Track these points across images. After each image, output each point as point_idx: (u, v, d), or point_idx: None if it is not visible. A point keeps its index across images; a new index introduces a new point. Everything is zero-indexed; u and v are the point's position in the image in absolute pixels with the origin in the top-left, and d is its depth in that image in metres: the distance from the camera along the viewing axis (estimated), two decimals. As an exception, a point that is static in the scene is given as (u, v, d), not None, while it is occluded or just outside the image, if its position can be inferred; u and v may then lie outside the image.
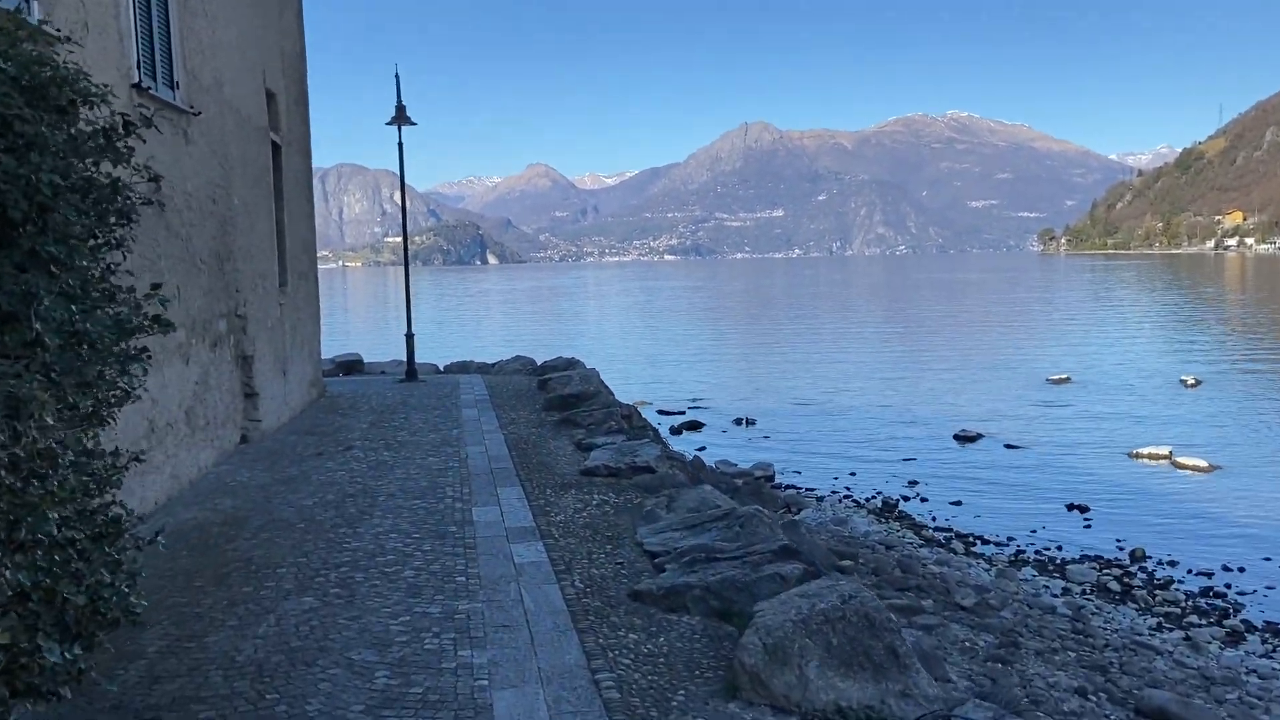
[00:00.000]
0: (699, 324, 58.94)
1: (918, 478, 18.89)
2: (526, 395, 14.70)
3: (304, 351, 13.20)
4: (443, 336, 47.92)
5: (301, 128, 13.76)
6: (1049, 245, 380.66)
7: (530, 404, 13.64)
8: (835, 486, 18.52)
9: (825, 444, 22.58)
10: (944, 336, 45.08)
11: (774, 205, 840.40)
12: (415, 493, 7.68)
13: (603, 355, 39.27)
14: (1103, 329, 47.84)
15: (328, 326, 58.59)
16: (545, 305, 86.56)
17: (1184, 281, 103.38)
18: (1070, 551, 14.59)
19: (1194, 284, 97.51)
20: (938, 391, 29.26)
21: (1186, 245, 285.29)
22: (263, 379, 10.56)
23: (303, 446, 10.07)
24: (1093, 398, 27.34)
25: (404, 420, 11.93)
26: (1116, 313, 59.51)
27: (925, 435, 23.14)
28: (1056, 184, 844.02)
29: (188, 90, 8.40)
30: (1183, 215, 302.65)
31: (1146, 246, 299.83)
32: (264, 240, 11.01)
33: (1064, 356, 36.52)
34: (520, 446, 10.02)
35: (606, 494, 7.67)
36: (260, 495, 7.62)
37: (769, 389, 30.85)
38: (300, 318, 13.09)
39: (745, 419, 25.44)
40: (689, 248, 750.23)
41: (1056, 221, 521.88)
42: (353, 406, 13.38)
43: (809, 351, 40.02)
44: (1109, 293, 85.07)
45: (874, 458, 20.99)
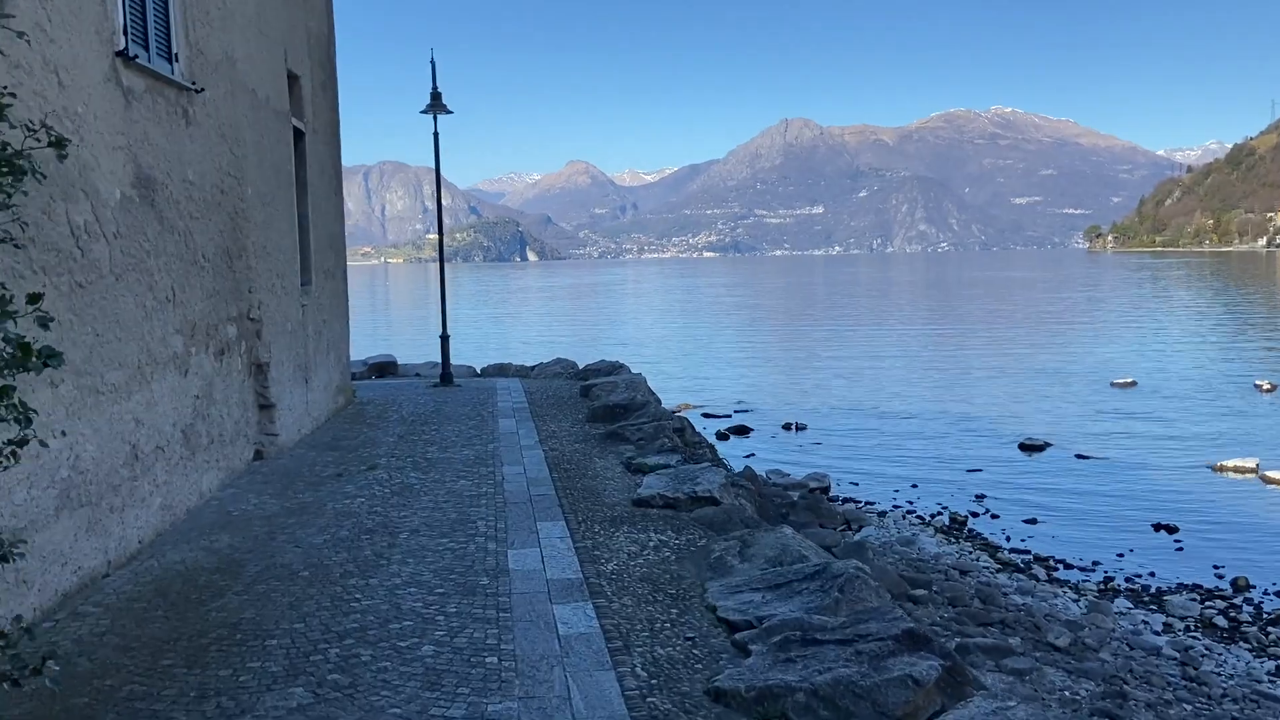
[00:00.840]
0: (742, 323, 57.61)
1: (985, 491, 17.53)
2: (568, 403, 13.62)
3: (330, 356, 12.23)
4: (481, 336, 47.10)
5: (329, 114, 12.78)
6: (1095, 242, 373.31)
7: (572, 413, 12.55)
8: (896, 500, 17.25)
9: (881, 452, 21.27)
10: (998, 337, 43.37)
11: (814, 202, 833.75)
12: (442, 528, 6.60)
13: (644, 355, 38.18)
14: (1163, 330, 45.79)
15: (363, 325, 57.98)
16: (585, 303, 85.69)
17: (1241, 280, 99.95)
18: (1165, 579, 13.19)
19: (1252, 283, 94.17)
20: (996, 396, 27.76)
21: (1238, 243, 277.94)
22: (280, 388, 9.57)
23: (322, 465, 9.05)
24: (1163, 404, 25.72)
25: (435, 433, 10.89)
26: (1176, 313, 57.21)
27: (988, 444, 21.73)
28: (1102, 180, 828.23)
29: (190, 64, 7.39)
30: (1234, 212, 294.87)
31: (1196, 244, 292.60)
32: (283, 235, 10.02)
33: (1127, 359, 34.77)
34: (562, 466, 8.92)
35: (664, 531, 6.54)
36: (264, 530, 6.58)
37: (818, 392, 29.51)
38: (326, 319, 12.12)
39: (795, 424, 24.20)
40: (728, 245, 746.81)
41: (1102, 219, 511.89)
42: (381, 416, 12.38)
43: (857, 353, 38.58)
44: (1165, 292, 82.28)
45: (935, 468, 19.64)
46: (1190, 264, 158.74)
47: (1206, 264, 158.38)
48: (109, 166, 5.75)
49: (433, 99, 15.25)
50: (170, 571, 5.62)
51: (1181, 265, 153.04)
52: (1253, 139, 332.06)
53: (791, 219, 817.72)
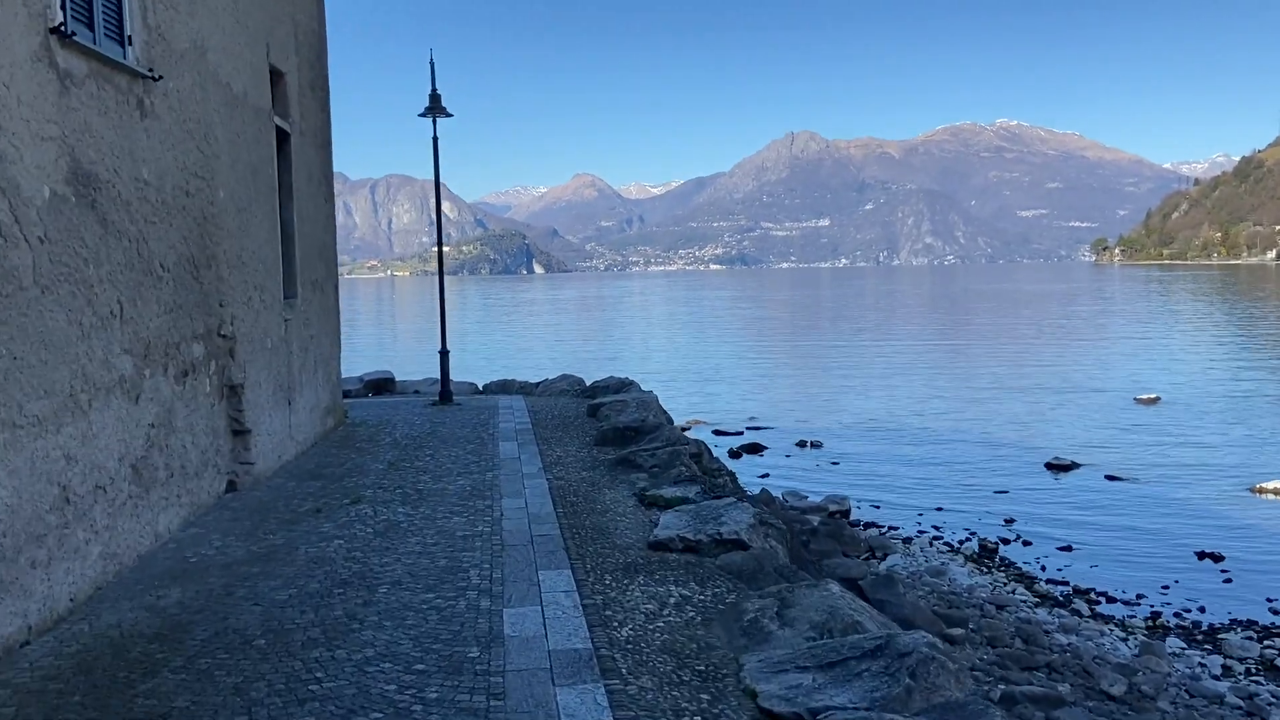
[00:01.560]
0: (751, 336, 56.72)
1: (1014, 515, 16.60)
2: (574, 423, 12.71)
3: (317, 375, 11.35)
4: (484, 351, 46.19)
5: (319, 116, 11.94)
6: (1102, 255, 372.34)
7: (579, 435, 11.64)
8: (921, 525, 16.31)
9: (902, 473, 20.32)
10: (1014, 352, 42.39)
11: (820, 214, 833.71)
12: (428, 578, 5.69)
13: (652, 370, 37.28)
14: (1180, 344, 44.78)
15: (364, 340, 57.23)
16: (591, 316, 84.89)
17: (1253, 293, 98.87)
18: (1216, 614, 12.23)
19: (1265, 296, 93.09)
20: (1017, 413, 26.79)
21: (1246, 255, 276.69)
22: (257, 412, 8.69)
23: (301, 497, 8.15)
24: (1190, 421, 24.76)
25: (430, 458, 9.98)
26: (1191, 326, 56.17)
27: (1013, 464, 20.79)
28: (1108, 193, 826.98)
29: (148, 50, 6.53)
30: (1242, 225, 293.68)
31: (1204, 257, 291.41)
32: (263, 244, 9.16)
33: (1148, 374, 33.79)
34: (568, 499, 8.01)
35: (686, 583, 5.63)
36: (222, 582, 5.67)
37: (832, 408, 28.57)
38: (314, 335, 11.25)
39: (809, 441, 23.28)
40: (734, 257, 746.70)
41: (1108, 231, 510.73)
42: (373, 439, 11.48)
43: (870, 367, 37.64)
44: (1178, 305, 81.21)
45: (960, 490, 18.70)
46: (1200, 277, 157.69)
47: (1216, 277, 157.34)
48: (35, 160, 4.89)
49: (431, 101, 14.41)
50: (102, 639, 4.72)
51: (1191, 278, 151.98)
52: (1260, 151, 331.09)
53: (798, 231, 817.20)
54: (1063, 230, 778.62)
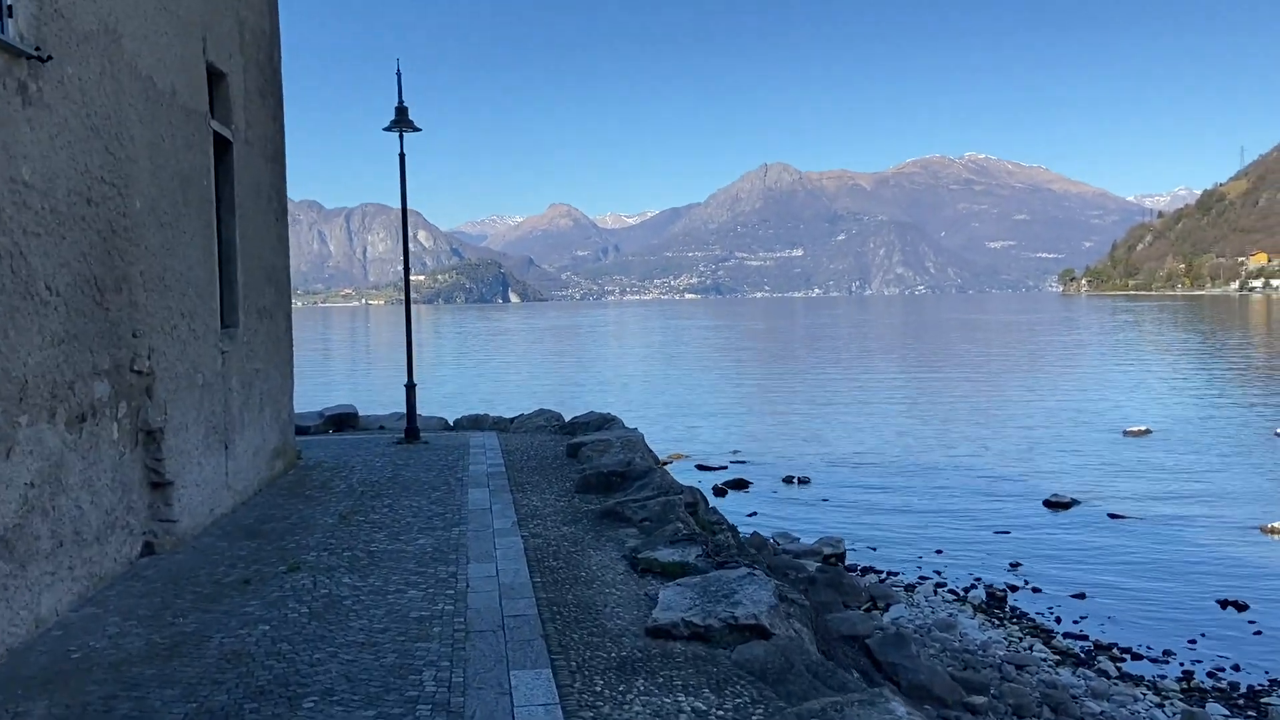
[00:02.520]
0: (731, 366, 55.71)
1: (1018, 557, 15.55)
2: (553, 465, 11.49)
3: (264, 414, 10.08)
4: (456, 383, 44.70)
5: (269, 125, 10.74)
6: (1069, 286, 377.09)
7: (558, 480, 10.43)
8: (922, 569, 15.20)
9: (895, 511, 19.23)
10: (997, 382, 41.65)
11: (793, 245, 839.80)
12: (370, 685, 4.46)
13: (630, 401, 36.09)
14: (1161, 374, 44.29)
15: (334, 370, 55.39)
16: (568, 345, 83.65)
17: (1223, 323, 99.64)
18: (1253, 674, 11.18)
19: (1234, 326, 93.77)
20: (1007, 445, 25.86)
21: (1210, 286, 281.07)
22: (182, 460, 7.42)
23: (230, 563, 6.87)
24: (1184, 454, 23.94)
25: (388, 509, 8.72)
26: (1168, 356, 55.90)
27: (1010, 501, 19.78)
28: (1074, 225, 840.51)
29: (38, 26, 5.36)
30: (1205, 256, 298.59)
31: (1169, 288, 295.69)
32: (194, 264, 7.93)
33: (1133, 405, 33.10)
34: (547, 563, 6.80)
35: (699, 690, 4.44)
36: (102, 694, 4.40)
37: (817, 441, 27.49)
38: (259, 369, 9.99)
39: (797, 477, 22.18)
40: (709, 287, 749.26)
41: (1075, 262, 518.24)
42: (327, 485, 10.19)
43: (853, 398, 36.68)
44: (1152, 335, 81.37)
45: (958, 530, 17.63)
46: (1167, 307, 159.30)
47: (1183, 308, 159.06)
48: None
49: (398, 115, 13.27)
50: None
51: (1160, 309, 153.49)
52: (1222, 185, 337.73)
53: (772, 262, 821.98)
54: (1030, 261, 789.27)
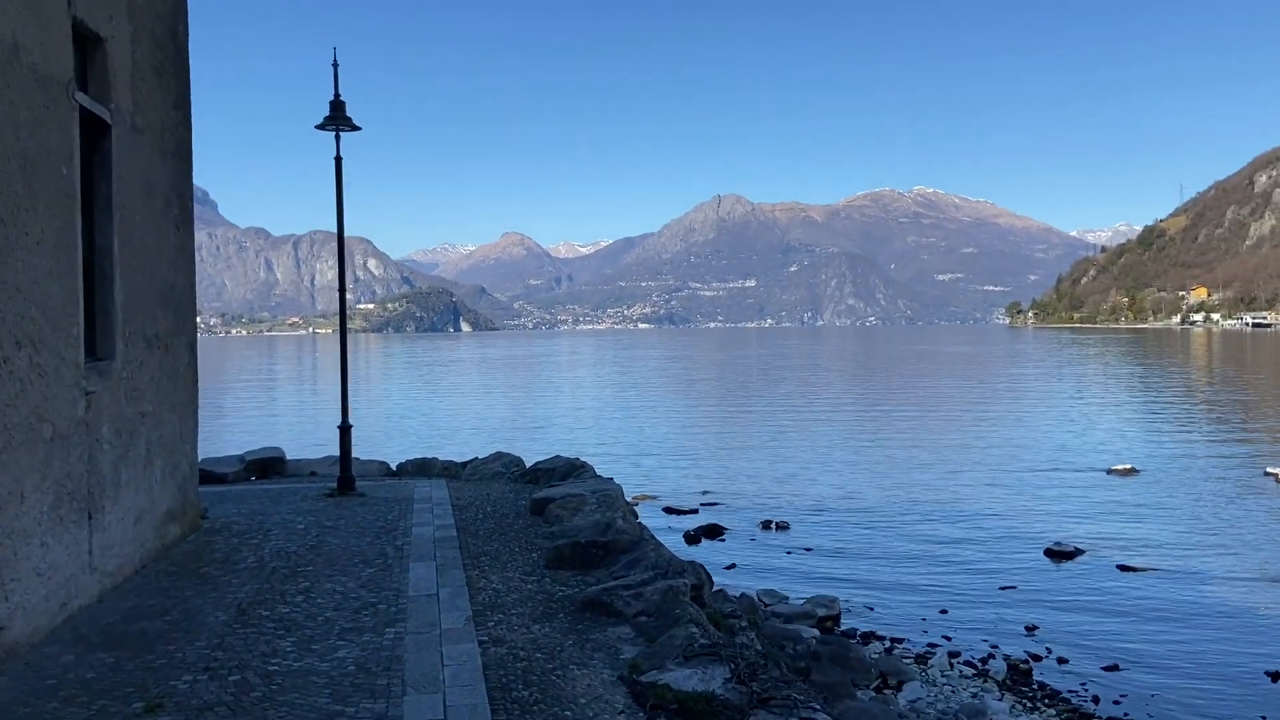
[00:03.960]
0: (694, 400, 53.96)
1: (1033, 619, 13.86)
2: (515, 527, 9.54)
3: (152, 469, 8.02)
4: (402, 420, 42.06)
5: (167, 113, 8.75)
6: (1016, 318, 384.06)
7: (523, 547, 8.50)
8: (929, 634, 13.44)
9: (886, 561, 17.48)
10: (967, 417, 40.41)
11: (746, 275, 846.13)
12: None
13: (591, 438, 34.10)
14: (1132, 409, 43.55)
15: (271, 404, 52.26)
16: (521, 378, 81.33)
17: (1172, 356, 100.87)
18: (1333, 767, 9.47)
19: (1184, 359, 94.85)
20: (991, 486, 24.36)
21: (1152, 320, 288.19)
22: (14, 543, 5.38)
23: (65, 696, 4.83)
24: (1179, 496, 22.63)
25: (303, 598, 6.71)
26: (1134, 390, 55.48)
27: (1008, 548, 18.16)
28: (1019, 259, 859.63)
29: None
30: (1147, 291, 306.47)
31: (1113, 321, 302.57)
32: (41, 276, 5.92)
33: (1112, 441, 31.99)
34: (515, 692, 4.87)
35: None
36: None
37: (792, 481, 25.73)
38: (147, 413, 7.95)
39: (775, 523, 20.38)
40: (663, 316, 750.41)
41: (1020, 295, 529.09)
42: (230, 557, 8.13)
43: (825, 434, 35.08)
44: (1111, 369, 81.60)
45: (959, 584, 15.92)
46: (1115, 340, 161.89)
47: (1131, 340, 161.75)
48: None
49: (333, 110, 11.35)
50: None
51: (1106, 342, 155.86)
52: (1162, 221, 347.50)
53: (725, 292, 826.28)
54: (977, 294, 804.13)
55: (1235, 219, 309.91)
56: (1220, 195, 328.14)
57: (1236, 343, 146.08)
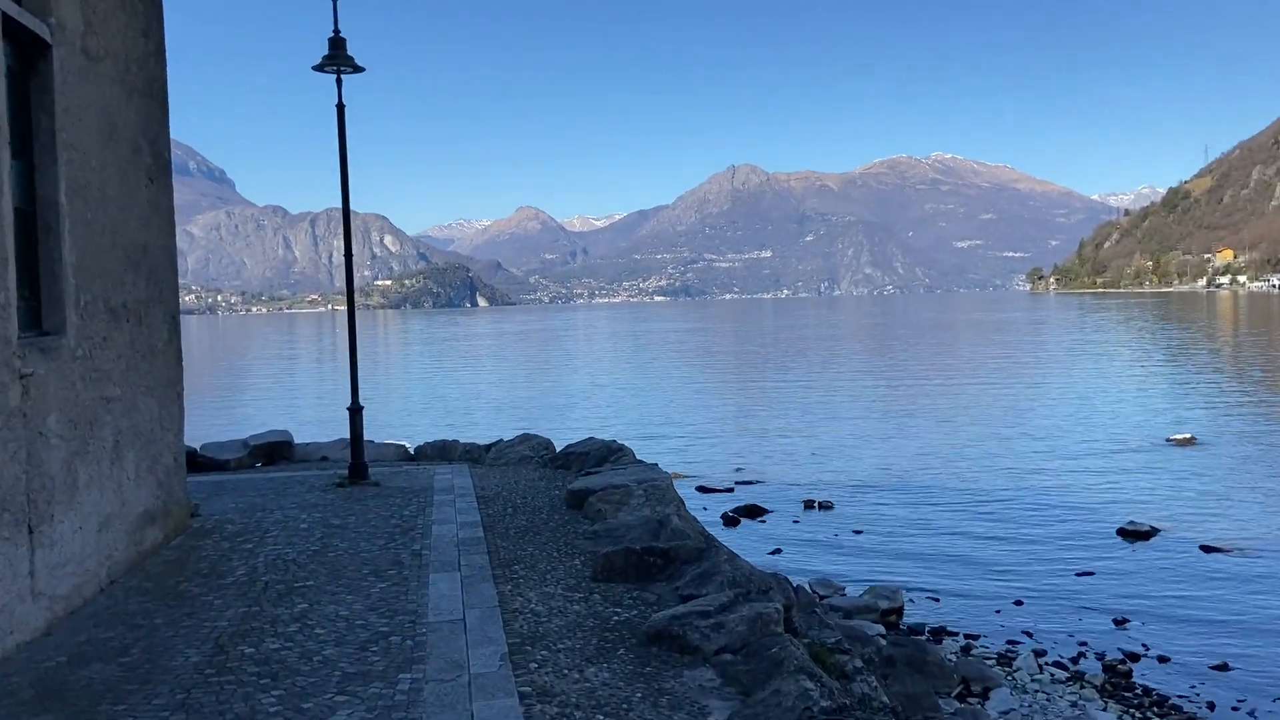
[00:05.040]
0: (719, 372, 52.51)
1: (1120, 610, 12.48)
2: (550, 525, 8.22)
3: (122, 465, 6.72)
4: (420, 398, 40.72)
5: (133, 41, 7.35)
6: (1038, 284, 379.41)
7: (562, 552, 7.17)
8: (1007, 629, 12.06)
9: (945, 544, 16.05)
10: (1007, 387, 38.77)
11: (762, 246, 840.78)
12: None
13: (616, 413, 32.82)
14: (1174, 374, 41.76)
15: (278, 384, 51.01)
16: (541, 352, 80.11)
17: (1200, 319, 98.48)
18: None
19: (1213, 323, 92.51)
20: (1046, 460, 22.85)
21: (1177, 283, 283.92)
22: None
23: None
24: (1246, 468, 21.13)
25: (298, 629, 5.40)
26: (1172, 355, 53.60)
27: (1076, 528, 16.70)
28: (1040, 224, 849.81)
29: None
30: (1172, 254, 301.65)
31: (1137, 285, 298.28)
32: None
33: (1165, 409, 30.37)
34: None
35: None
36: None
37: (831, 456, 24.30)
38: (114, 398, 6.64)
39: (818, 502, 18.98)
40: (678, 289, 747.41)
41: (1041, 261, 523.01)
42: (218, 567, 6.84)
43: (861, 406, 33.58)
44: (1143, 333, 79.48)
45: (1029, 570, 14.51)
46: (1140, 305, 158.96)
47: (1156, 304, 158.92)
48: None
49: (332, 48, 9.93)
50: None
51: (1132, 306, 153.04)
52: (1187, 183, 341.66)
53: (740, 263, 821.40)
54: (997, 260, 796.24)
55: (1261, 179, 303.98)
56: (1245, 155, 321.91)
57: (1264, 305, 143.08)
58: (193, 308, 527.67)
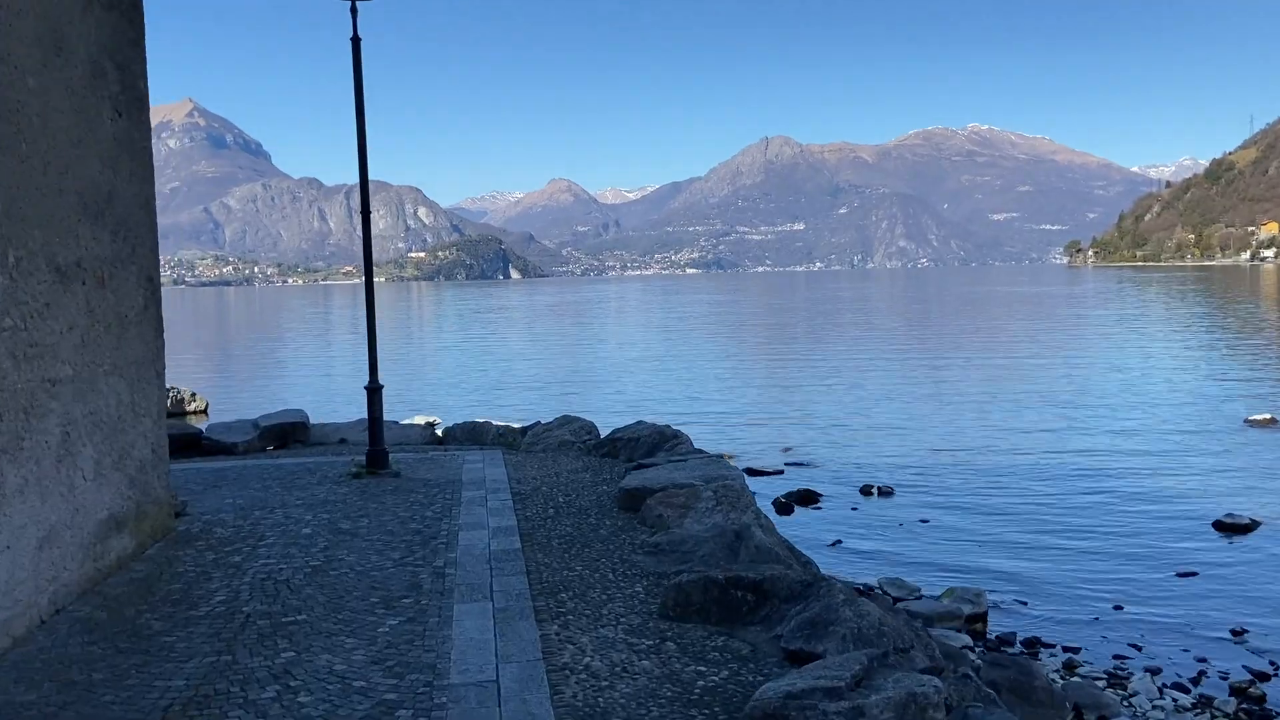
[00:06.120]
0: (756, 346, 50.84)
1: (1234, 619, 10.78)
2: (601, 533, 6.80)
3: (72, 462, 5.37)
4: (452, 372, 39.46)
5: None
6: (1075, 257, 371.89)
7: (619, 573, 5.76)
8: (1112, 642, 10.46)
9: (1024, 540, 14.36)
10: (1064, 364, 36.74)
11: (795, 218, 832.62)
12: None
13: (653, 387, 31.38)
14: (1239, 351, 39.46)
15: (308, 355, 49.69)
16: (574, 324, 78.81)
17: (1247, 293, 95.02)
18: None
19: (1265, 296, 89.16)
20: (1120, 443, 20.98)
21: (1220, 257, 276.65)
22: None
23: None
24: (1341, 451, 19.17)
25: (274, 696, 4.03)
26: (1229, 330, 51.10)
27: (1168, 524, 14.95)
28: (1078, 196, 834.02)
29: None
30: (1215, 227, 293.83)
31: (1178, 258, 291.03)
32: None
33: (1237, 389, 28.31)
34: None
35: None
36: None
37: (885, 436, 22.59)
38: (62, 380, 5.29)
39: (877, 487, 17.35)
40: (710, 261, 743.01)
41: (1078, 234, 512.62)
42: (191, 591, 5.49)
43: (911, 382, 31.83)
44: (1197, 308, 76.58)
45: (1123, 570, 12.82)
46: (1183, 279, 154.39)
47: (1199, 278, 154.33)
48: None
49: (343, -32, 8.48)
50: None
51: (1177, 279, 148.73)
52: (1231, 154, 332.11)
53: (773, 235, 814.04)
54: (1034, 233, 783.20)
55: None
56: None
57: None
58: (230, 279, 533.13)
